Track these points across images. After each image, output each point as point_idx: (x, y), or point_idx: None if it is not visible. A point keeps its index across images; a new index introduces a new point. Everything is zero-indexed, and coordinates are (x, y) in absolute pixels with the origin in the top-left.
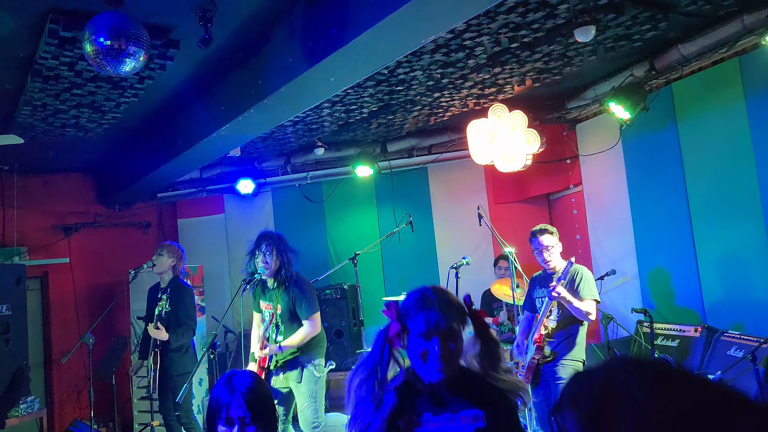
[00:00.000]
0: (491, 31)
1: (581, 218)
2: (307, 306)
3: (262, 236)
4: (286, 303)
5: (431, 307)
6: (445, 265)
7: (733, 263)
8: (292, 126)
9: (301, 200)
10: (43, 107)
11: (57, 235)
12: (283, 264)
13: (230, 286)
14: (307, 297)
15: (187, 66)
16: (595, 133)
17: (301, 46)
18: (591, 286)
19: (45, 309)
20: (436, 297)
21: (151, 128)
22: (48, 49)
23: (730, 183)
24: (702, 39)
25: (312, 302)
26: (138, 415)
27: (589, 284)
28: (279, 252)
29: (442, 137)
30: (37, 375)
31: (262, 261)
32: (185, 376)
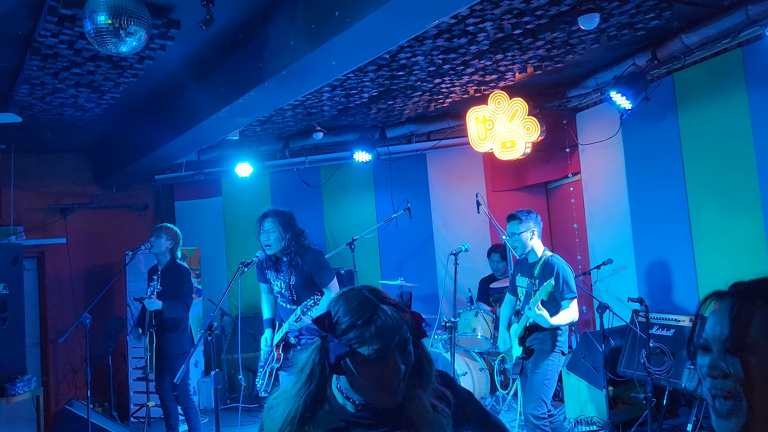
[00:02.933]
0: (494, 17)
1: (579, 207)
2: (326, 273)
3: (262, 215)
4: (300, 274)
5: (383, 313)
6: (442, 251)
7: (729, 254)
8: (291, 110)
9: (299, 185)
10: (41, 86)
11: (54, 215)
12: (292, 239)
13: (227, 269)
14: (322, 265)
15: (188, 47)
16: (595, 122)
17: (303, 29)
18: (570, 286)
19: (41, 289)
20: (380, 300)
21: (149, 109)
22: (47, 27)
23: (729, 174)
24: (705, 29)
25: (329, 269)
26: (134, 395)
27: (569, 284)
28: (285, 228)
29: (442, 124)
30: (33, 354)
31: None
32: (182, 357)
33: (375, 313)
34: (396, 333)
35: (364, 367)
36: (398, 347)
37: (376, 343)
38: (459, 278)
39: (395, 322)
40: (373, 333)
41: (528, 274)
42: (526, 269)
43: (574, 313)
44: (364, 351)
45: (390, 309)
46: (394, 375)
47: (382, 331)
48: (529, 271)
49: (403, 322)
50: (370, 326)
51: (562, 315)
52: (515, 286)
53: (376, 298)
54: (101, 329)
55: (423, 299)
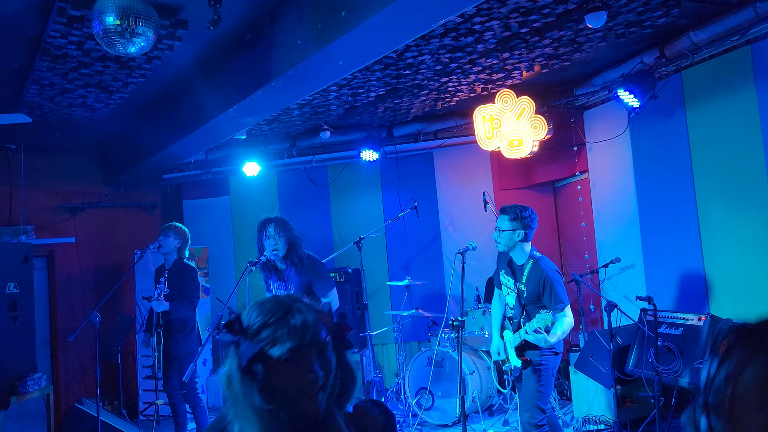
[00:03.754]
0: (501, 16)
1: (587, 206)
2: (325, 284)
3: (266, 220)
4: (300, 284)
5: (299, 311)
6: (449, 250)
7: (738, 252)
8: (298, 109)
9: (306, 183)
10: (50, 86)
11: (63, 214)
12: (293, 245)
13: (235, 267)
14: (322, 275)
15: (196, 47)
16: (603, 120)
17: (310, 29)
18: (560, 296)
19: (51, 288)
20: (297, 301)
21: (157, 109)
22: (56, 28)
23: (738, 173)
24: (713, 26)
25: (328, 279)
26: (143, 393)
27: (558, 295)
28: (287, 234)
29: (449, 122)
30: (43, 353)
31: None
32: (190, 356)
33: (289, 311)
34: (312, 331)
35: (278, 370)
36: (315, 348)
37: (290, 340)
38: (466, 277)
39: (311, 321)
40: (287, 330)
41: (512, 275)
42: (510, 269)
43: (569, 322)
44: (276, 351)
45: (306, 308)
46: (311, 380)
47: (296, 328)
48: (516, 274)
49: (321, 323)
50: (284, 323)
51: (558, 328)
52: (500, 283)
53: (292, 300)
54: (110, 328)
55: (430, 298)
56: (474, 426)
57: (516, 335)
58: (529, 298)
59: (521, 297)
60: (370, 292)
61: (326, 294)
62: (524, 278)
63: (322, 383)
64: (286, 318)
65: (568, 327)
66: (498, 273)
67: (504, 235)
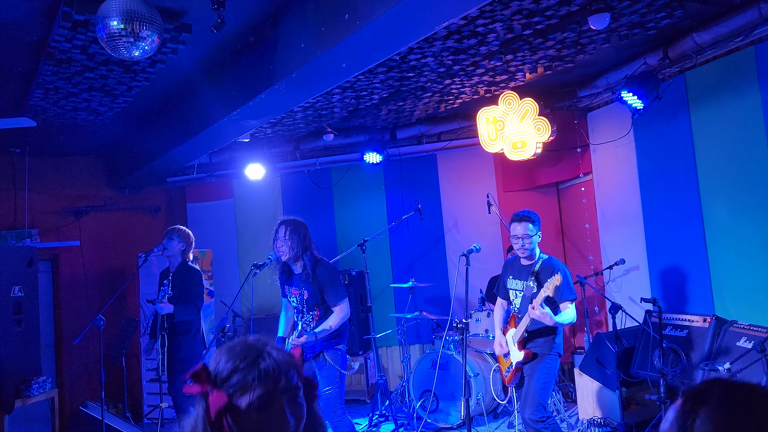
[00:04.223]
0: (504, 18)
1: (591, 207)
2: (336, 293)
3: (280, 222)
4: (312, 289)
5: (269, 355)
6: (453, 252)
7: (743, 254)
8: (302, 112)
9: (309, 186)
10: (55, 90)
11: (67, 218)
12: (305, 249)
13: (239, 270)
14: (334, 284)
15: (199, 50)
16: (607, 122)
17: (313, 31)
18: (570, 287)
19: (56, 291)
20: (266, 345)
21: (161, 112)
22: (61, 33)
23: (743, 174)
24: (717, 27)
25: (340, 288)
26: (147, 396)
27: (569, 286)
28: (299, 237)
29: (452, 124)
30: (48, 356)
31: (280, 245)
32: (194, 359)
33: (259, 355)
34: (283, 376)
35: (249, 419)
36: (286, 394)
37: (260, 387)
38: (470, 279)
39: (282, 365)
40: (257, 376)
41: (523, 277)
42: (519, 272)
43: (573, 314)
44: (246, 399)
45: (277, 352)
46: (283, 428)
47: (267, 373)
48: (525, 274)
49: (291, 368)
50: (254, 367)
51: (565, 314)
52: (506, 290)
53: (261, 343)
54: (115, 331)
55: (434, 300)
56: (478, 429)
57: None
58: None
59: (531, 294)
60: (374, 295)
61: (336, 303)
62: (534, 276)
63: (294, 431)
64: (257, 362)
65: (572, 318)
66: (504, 281)
67: (533, 241)
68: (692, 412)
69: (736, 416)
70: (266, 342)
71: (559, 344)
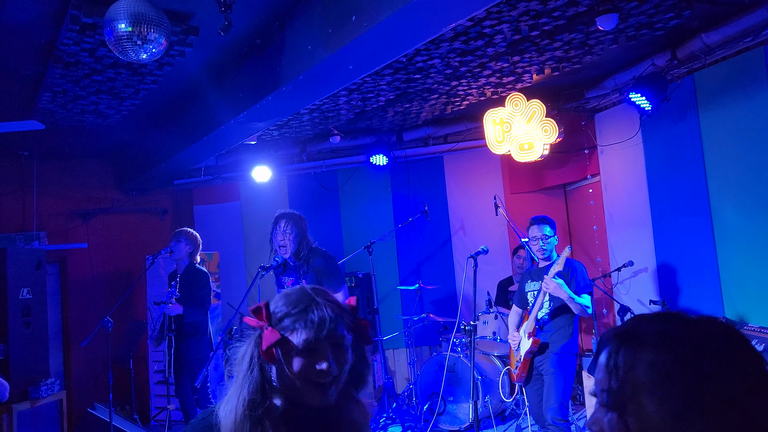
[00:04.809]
0: (511, 19)
1: (598, 209)
2: (334, 281)
3: (279, 216)
4: (311, 280)
5: (318, 307)
6: (460, 254)
7: (752, 255)
8: (308, 114)
9: (316, 188)
10: (63, 93)
11: (75, 220)
12: (304, 240)
13: (246, 272)
14: (333, 272)
15: (206, 53)
16: (614, 123)
17: (320, 33)
18: (586, 280)
19: (63, 293)
20: (320, 296)
21: (168, 115)
22: (69, 36)
23: (752, 175)
24: (726, 27)
25: (339, 276)
26: (155, 398)
27: (584, 277)
28: (300, 230)
29: (459, 126)
30: (56, 358)
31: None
32: (202, 361)
33: (310, 305)
34: (329, 326)
35: (294, 358)
36: (331, 341)
37: (307, 332)
38: (478, 281)
39: (330, 316)
40: (306, 322)
41: (540, 277)
42: (537, 274)
43: (588, 303)
44: (294, 339)
45: (328, 304)
46: (324, 371)
47: (313, 322)
48: (541, 274)
49: (339, 319)
50: (304, 315)
51: (580, 298)
52: (524, 294)
53: (316, 294)
54: (122, 333)
55: (441, 303)
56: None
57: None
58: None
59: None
60: (381, 297)
61: (336, 291)
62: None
63: (335, 375)
64: (306, 311)
65: (587, 304)
66: (523, 288)
67: (550, 242)
68: (628, 359)
69: (688, 352)
70: (321, 293)
71: (574, 342)
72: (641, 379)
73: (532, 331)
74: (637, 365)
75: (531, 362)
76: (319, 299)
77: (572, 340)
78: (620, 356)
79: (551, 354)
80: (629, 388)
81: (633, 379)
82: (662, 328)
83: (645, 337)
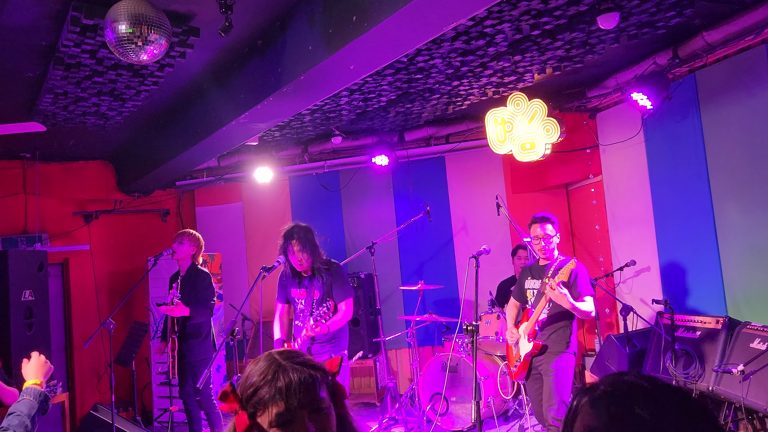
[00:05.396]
0: (513, 18)
1: (600, 208)
2: (343, 291)
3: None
4: (322, 289)
5: (285, 372)
6: (462, 254)
7: (755, 254)
8: (309, 115)
9: (318, 189)
10: (64, 95)
11: (77, 221)
12: (316, 253)
13: (248, 274)
14: (342, 282)
15: (207, 54)
16: (616, 122)
17: (321, 34)
18: (587, 283)
19: (66, 295)
20: (289, 359)
21: (170, 116)
22: (70, 37)
23: (754, 173)
24: (727, 26)
25: (347, 287)
26: (157, 400)
27: (585, 281)
28: (312, 244)
29: (460, 126)
30: (58, 360)
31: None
32: (205, 362)
33: (277, 371)
34: (304, 391)
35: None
36: (307, 408)
37: (278, 404)
38: (480, 281)
39: (304, 380)
40: (275, 392)
41: (541, 276)
42: (538, 272)
43: (592, 307)
44: (267, 418)
45: (296, 367)
46: None
47: (282, 390)
48: (543, 273)
49: (315, 381)
50: (273, 384)
51: (582, 304)
52: (524, 291)
53: (284, 358)
54: (125, 335)
55: (444, 303)
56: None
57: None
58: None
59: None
60: (383, 297)
61: (342, 301)
62: (551, 272)
63: None
64: (274, 379)
65: (590, 309)
66: (522, 284)
67: (552, 241)
68: (577, 405)
69: (618, 405)
70: (290, 355)
71: (572, 342)
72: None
73: (532, 333)
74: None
75: (530, 362)
76: (286, 363)
77: (571, 340)
78: (571, 411)
79: (550, 354)
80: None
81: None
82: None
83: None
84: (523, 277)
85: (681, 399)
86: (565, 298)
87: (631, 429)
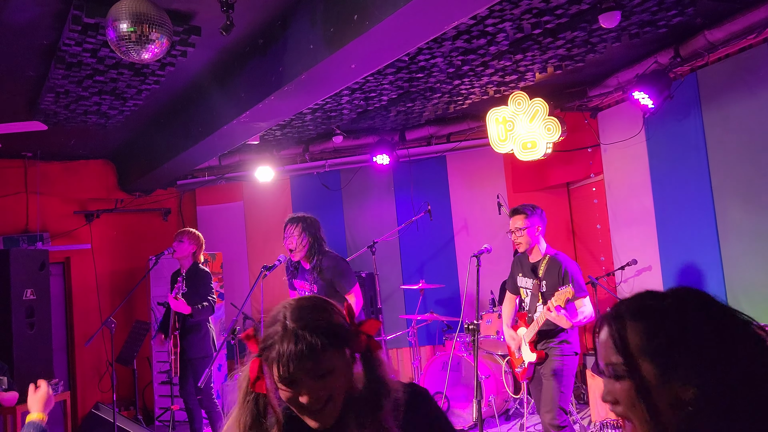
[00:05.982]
0: (514, 17)
1: (602, 207)
2: (347, 281)
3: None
4: (324, 284)
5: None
6: (463, 253)
7: (757, 253)
8: (311, 114)
9: (319, 188)
10: (65, 94)
11: (79, 221)
12: (316, 245)
13: (249, 273)
14: (345, 274)
15: (208, 53)
16: (618, 121)
17: (322, 33)
18: (581, 285)
19: (67, 294)
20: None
21: (171, 115)
22: (71, 36)
23: (756, 173)
24: (729, 24)
25: (351, 277)
26: (158, 399)
27: (579, 284)
28: (309, 233)
29: (461, 125)
30: (60, 359)
31: (293, 245)
32: (205, 360)
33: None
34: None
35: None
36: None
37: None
38: (481, 280)
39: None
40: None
41: (531, 275)
42: (528, 269)
43: (590, 309)
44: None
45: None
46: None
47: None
48: (532, 272)
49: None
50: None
51: (580, 315)
52: (516, 286)
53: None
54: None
55: (445, 302)
56: (490, 431)
57: (532, 326)
58: (550, 291)
59: (541, 292)
60: (384, 297)
61: (348, 291)
62: (542, 273)
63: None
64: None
65: (589, 313)
66: (514, 278)
67: (526, 233)
68: (621, 331)
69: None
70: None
71: (573, 343)
72: (634, 345)
73: (532, 342)
74: (629, 335)
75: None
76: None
77: (571, 340)
78: (614, 331)
79: (551, 358)
80: (627, 354)
81: (627, 347)
82: (641, 304)
83: (628, 312)
84: (515, 271)
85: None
86: (563, 321)
87: (656, 313)
